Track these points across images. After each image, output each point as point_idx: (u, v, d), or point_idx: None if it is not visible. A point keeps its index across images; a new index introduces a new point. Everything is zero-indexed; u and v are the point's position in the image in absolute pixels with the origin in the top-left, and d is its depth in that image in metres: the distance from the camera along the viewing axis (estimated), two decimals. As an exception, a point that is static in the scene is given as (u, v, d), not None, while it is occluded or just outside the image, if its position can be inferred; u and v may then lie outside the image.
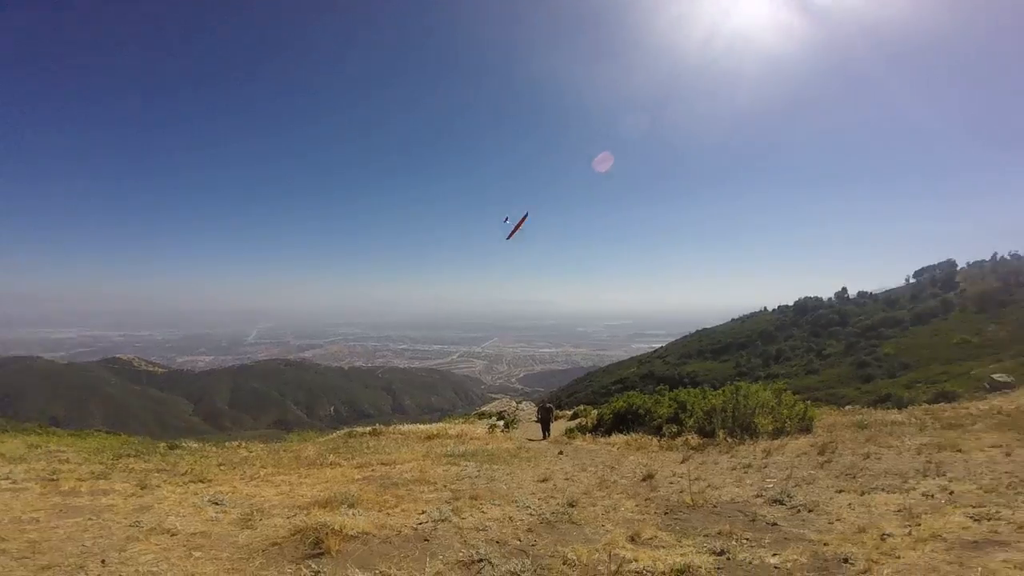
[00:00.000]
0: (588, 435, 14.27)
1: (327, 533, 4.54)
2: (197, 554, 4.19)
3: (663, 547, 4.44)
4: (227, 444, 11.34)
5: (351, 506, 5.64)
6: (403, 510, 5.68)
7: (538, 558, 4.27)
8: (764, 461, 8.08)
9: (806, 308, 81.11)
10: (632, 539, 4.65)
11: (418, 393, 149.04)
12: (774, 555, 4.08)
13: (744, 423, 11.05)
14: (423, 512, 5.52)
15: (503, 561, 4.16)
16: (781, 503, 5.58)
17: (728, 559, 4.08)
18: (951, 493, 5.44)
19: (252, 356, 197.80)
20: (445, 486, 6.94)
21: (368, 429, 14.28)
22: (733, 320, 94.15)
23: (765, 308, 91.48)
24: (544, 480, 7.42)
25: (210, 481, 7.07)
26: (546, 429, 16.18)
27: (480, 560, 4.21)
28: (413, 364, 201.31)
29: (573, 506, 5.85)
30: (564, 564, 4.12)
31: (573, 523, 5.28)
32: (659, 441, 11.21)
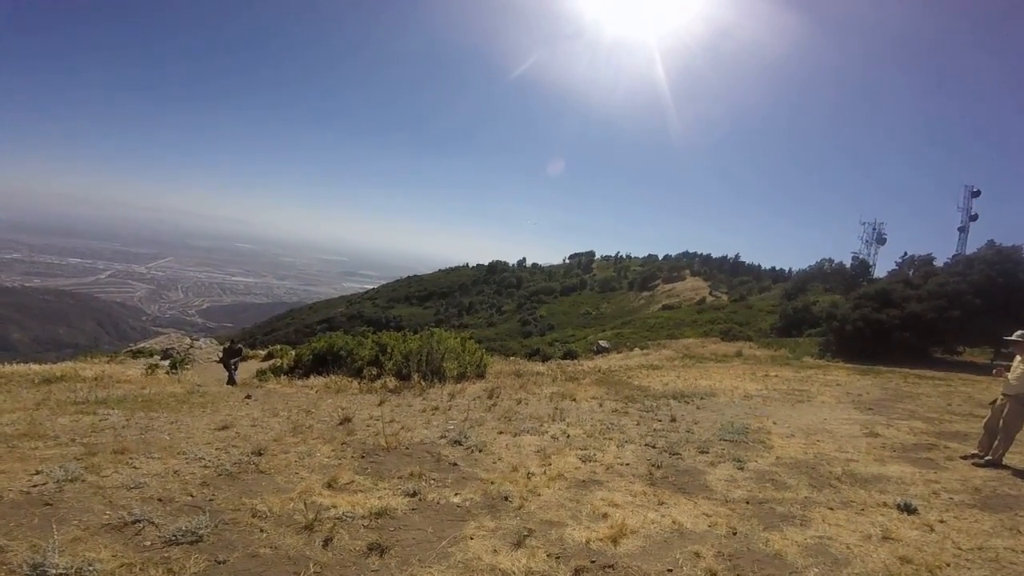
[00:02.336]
0: (283, 377, 13.42)
1: None
2: None
3: (361, 491, 4.61)
4: None
5: (-97, 474, 3.89)
6: (3, 471, 4.28)
7: (218, 513, 3.84)
8: (449, 404, 9.09)
9: (496, 269, 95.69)
10: (329, 485, 4.66)
11: (36, 324, 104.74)
12: (456, 495, 4.69)
13: (435, 367, 12.29)
14: (38, 472, 4.27)
15: (170, 520, 3.59)
16: (460, 443, 6.34)
17: (420, 500, 4.50)
18: (568, 436, 7.03)
19: None
20: (74, 440, 5.43)
21: (-64, 374, 9.72)
22: (440, 270, 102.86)
23: (467, 264, 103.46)
24: (224, 428, 6.55)
25: None
26: (232, 373, 13.96)
27: (136, 521, 3.53)
28: (31, 283, 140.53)
29: (261, 455, 5.37)
30: (253, 517, 3.84)
31: (262, 472, 4.89)
32: (359, 384, 11.39)
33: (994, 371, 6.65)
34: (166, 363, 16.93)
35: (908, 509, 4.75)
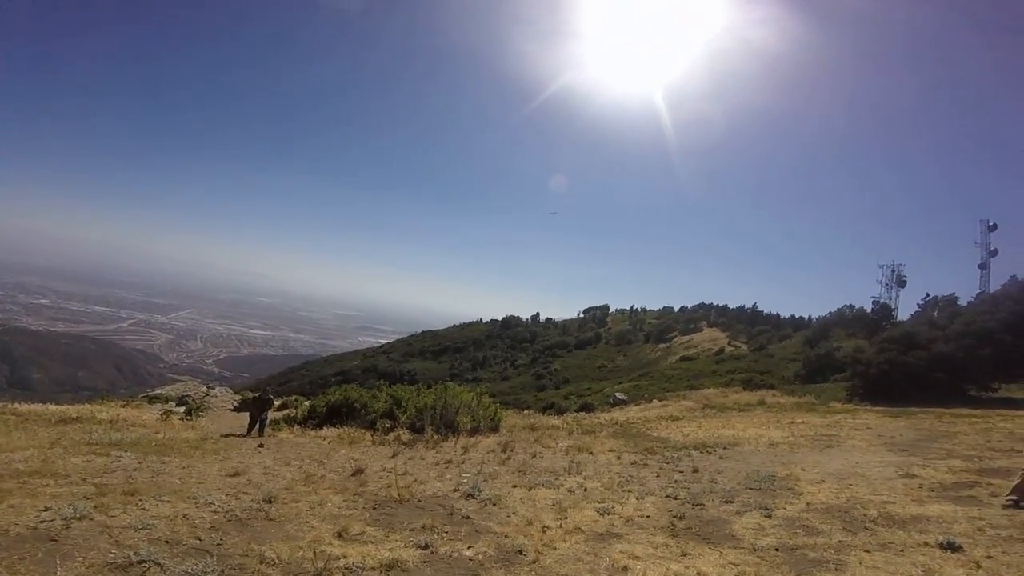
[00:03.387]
0: (297, 427, 13.32)
1: None
2: None
3: (371, 542, 4.51)
4: None
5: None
6: (12, 506, 4.33)
7: (226, 558, 3.78)
8: (462, 457, 8.97)
9: (509, 324, 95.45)
10: (340, 535, 4.58)
11: (56, 366, 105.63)
12: (469, 548, 4.58)
13: (449, 421, 12.18)
14: (46, 509, 4.31)
15: (176, 562, 3.55)
16: (473, 497, 6.23)
17: (432, 553, 4.40)
18: (585, 490, 6.89)
19: None
20: (84, 480, 5.52)
21: (-44, 408, 10.00)
22: (454, 326, 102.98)
23: (480, 319, 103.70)
24: (236, 475, 6.57)
25: None
26: (256, 423, 12.57)
27: (142, 561, 3.50)
28: (55, 327, 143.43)
29: (271, 502, 5.34)
30: (261, 563, 3.76)
31: (271, 520, 4.84)
32: (372, 436, 11.31)
33: None
34: (181, 409, 16.93)
35: (951, 547, 4.51)
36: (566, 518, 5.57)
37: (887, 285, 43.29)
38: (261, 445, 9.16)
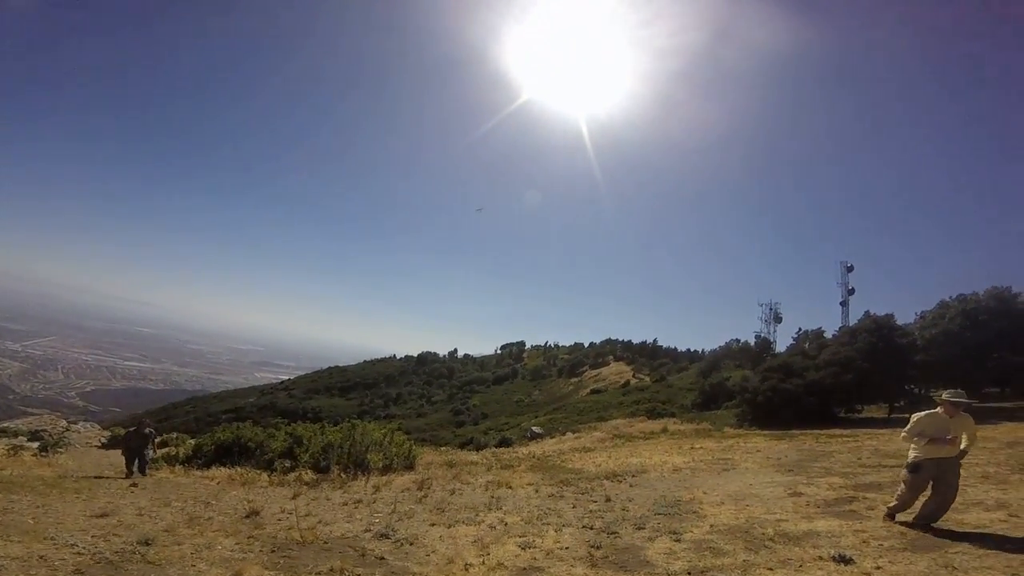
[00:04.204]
0: (180, 467, 11.83)
1: None
2: None
3: (271, 586, 4.07)
4: None
5: None
6: None
7: (94, 608, 3.22)
8: (373, 496, 8.50)
9: (425, 360, 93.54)
10: (233, 579, 4.08)
11: None
12: None
13: (358, 459, 11.55)
14: None
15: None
16: (387, 537, 5.89)
17: None
18: (506, 524, 6.74)
19: None
20: None
21: None
22: (365, 361, 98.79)
23: (394, 355, 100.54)
24: (103, 516, 5.79)
25: None
26: (135, 461, 10.82)
27: None
28: None
29: (149, 544, 4.74)
30: (136, 616, 3.23)
31: (150, 563, 4.25)
32: (270, 476, 10.41)
33: (948, 437, 5.67)
34: (35, 445, 14.88)
35: (844, 560, 4.81)
36: (488, 554, 5.42)
37: (766, 321, 48.97)
38: (135, 485, 8.05)
